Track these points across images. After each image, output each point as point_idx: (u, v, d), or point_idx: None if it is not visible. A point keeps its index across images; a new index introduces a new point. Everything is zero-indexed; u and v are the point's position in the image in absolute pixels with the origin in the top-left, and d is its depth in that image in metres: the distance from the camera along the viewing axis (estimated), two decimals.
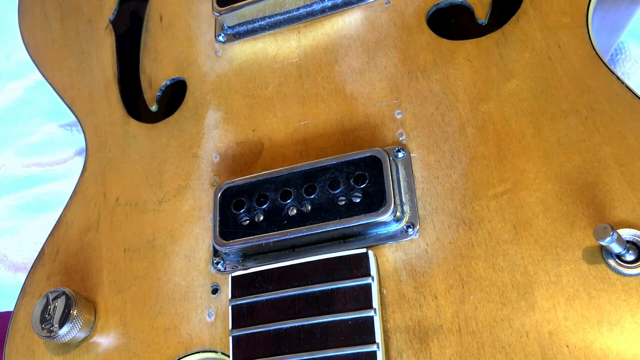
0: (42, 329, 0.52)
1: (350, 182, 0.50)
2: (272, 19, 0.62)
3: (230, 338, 0.48)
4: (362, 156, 0.50)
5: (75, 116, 0.67)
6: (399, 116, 0.54)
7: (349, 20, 0.60)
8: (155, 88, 0.66)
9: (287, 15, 0.62)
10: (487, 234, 0.47)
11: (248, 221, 0.52)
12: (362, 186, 0.49)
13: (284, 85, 0.59)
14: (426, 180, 0.51)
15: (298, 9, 0.61)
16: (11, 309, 0.59)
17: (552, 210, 0.46)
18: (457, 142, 0.51)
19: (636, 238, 0.44)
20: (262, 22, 0.62)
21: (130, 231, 0.58)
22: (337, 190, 0.50)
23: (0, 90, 0.94)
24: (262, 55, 0.62)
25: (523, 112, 0.50)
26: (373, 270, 0.47)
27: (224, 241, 0.51)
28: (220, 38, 0.64)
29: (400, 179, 0.51)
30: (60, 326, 0.52)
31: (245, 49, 0.63)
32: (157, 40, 0.68)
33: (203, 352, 0.51)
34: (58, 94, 0.70)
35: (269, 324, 0.47)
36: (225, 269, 0.53)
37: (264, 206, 0.52)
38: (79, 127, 0.67)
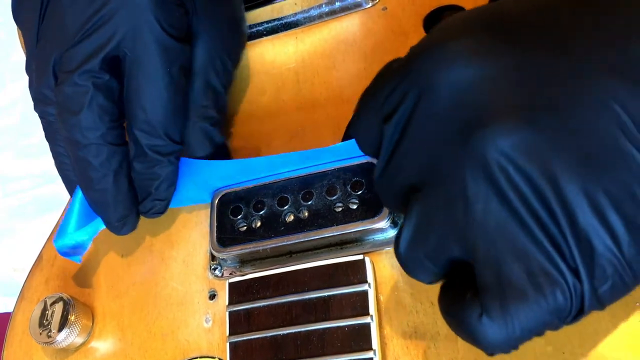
0: (40, 334, 0.52)
1: (347, 188, 0.50)
2: (270, 25, 0.62)
3: (228, 344, 0.48)
4: (359, 162, 0.50)
5: None
6: None
7: (346, 26, 0.60)
8: None
9: (285, 20, 0.61)
10: None
11: (245, 227, 0.52)
12: (359, 193, 0.49)
13: (282, 91, 0.59)
14: None
15: (295, 14, 0.61)
16: (10, 310, 0.60)
17: None
18: None
19: None
20: (260, 28, 0.62)
21: (128, 236, 0.57)
22: (334, 197, 0.50)
23: (0, 90, 0.94)
24: (260, 60, 0.61)
25: None
26: (370, 277, 0.47)
27: (221, 247, 0.51)
28: None
29: None
30: (58, 331, 0.52)
31: (243, 55, 0.63)
32: None
33: (200, 357, 0.51)
34: None
35: (266, 331, 0.47)
36: (222, 274, 0.53)
37: (261, 212, 0.51)
38: None
